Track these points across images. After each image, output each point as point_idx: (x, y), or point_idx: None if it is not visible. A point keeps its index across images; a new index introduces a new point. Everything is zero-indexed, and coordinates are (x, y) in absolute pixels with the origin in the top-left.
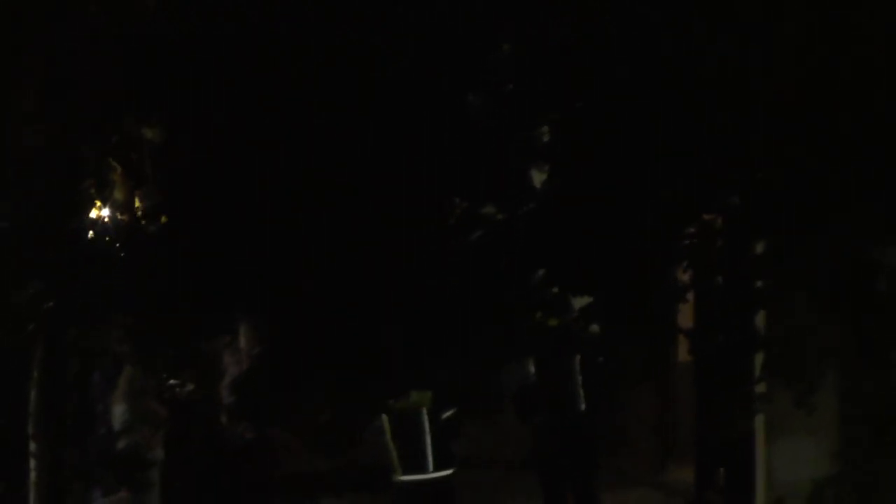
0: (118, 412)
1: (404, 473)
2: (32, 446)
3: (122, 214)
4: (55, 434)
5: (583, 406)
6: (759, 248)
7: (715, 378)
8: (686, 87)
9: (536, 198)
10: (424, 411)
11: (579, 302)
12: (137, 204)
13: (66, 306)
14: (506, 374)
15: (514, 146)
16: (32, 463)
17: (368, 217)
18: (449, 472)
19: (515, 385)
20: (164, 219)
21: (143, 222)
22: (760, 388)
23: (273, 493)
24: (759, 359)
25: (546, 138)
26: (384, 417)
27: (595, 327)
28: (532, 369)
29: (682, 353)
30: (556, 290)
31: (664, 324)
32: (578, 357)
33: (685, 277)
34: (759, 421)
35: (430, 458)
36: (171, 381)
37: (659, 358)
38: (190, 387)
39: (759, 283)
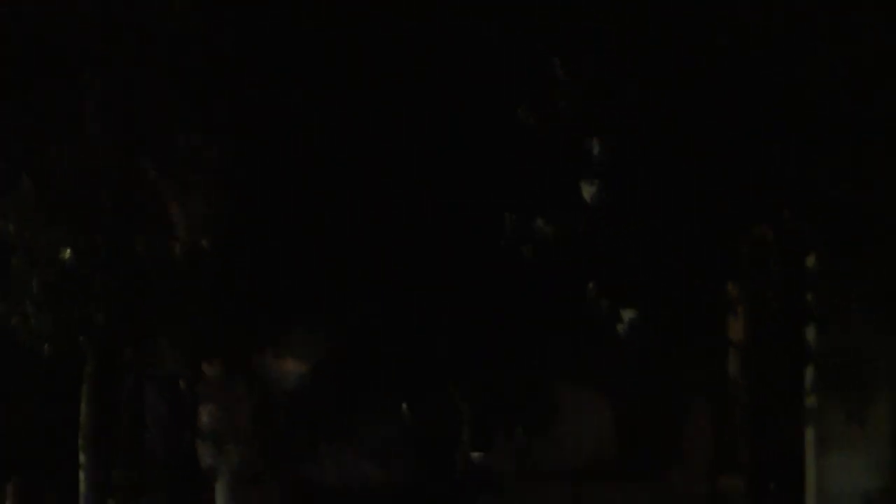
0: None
1: None
2: (82, 458)
3: (177, 230)
4: (105, 447)
5: None
6: (810, 261)
7: (766, 391)
8: (741, 103)
9: (587, 212)
10: None
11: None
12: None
13: (117, 321)
14: None
15: (564, 160)
16: (82, 475)
17: (423, 231)
18: None
19: None
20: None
21: (199, 239)
22: (811, 401)
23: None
24: (810, 372)
25: (596, 152)
26: None
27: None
28: None
29: (734, 366)
30: (606, 302)
31: (715, 337)
32: None
33: (736, 291)
34: (811, 434)
35: None
36: None
37: (712, 371)
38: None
39: (810, 297)
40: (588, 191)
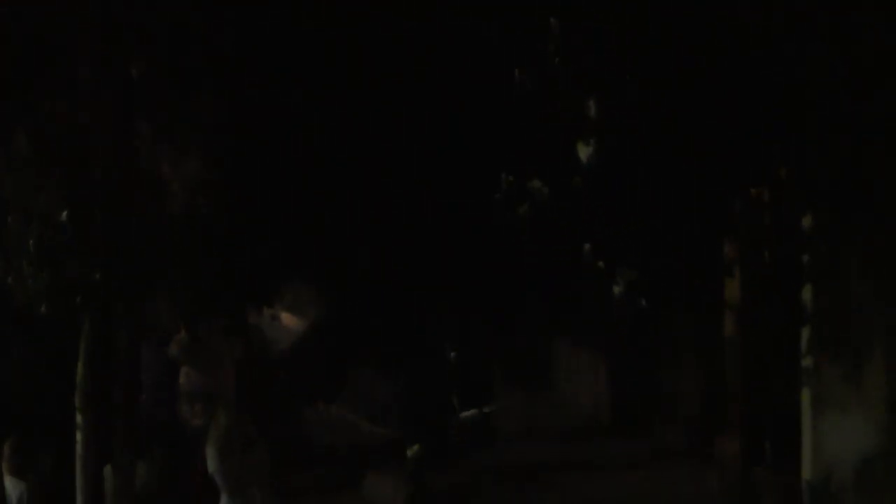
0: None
1: None
2: (79, 418)
3: (173, 187)
4: (102, 406)
5: None
6: (807, 221)
7: (762, 352)
8: (736, 64)
9: (583, 172)
10: None
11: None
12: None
13: (114, 279)
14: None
15: (560, 120)
16: (79, 435)
17: (419, 192)
18: None
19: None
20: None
21: (195, 195)
22: (807, 362)
23: (320, 465)
24: (805, 333)
25: (593, 112)
26: None
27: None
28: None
29: (729, 327)
30: (602, 264)
31: (711, 298)
32: None
33: (732, 251)
34: (806, 395)
35: None
36: None
37: (706, 332)
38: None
39: (806, 257)
40: (584, 151)
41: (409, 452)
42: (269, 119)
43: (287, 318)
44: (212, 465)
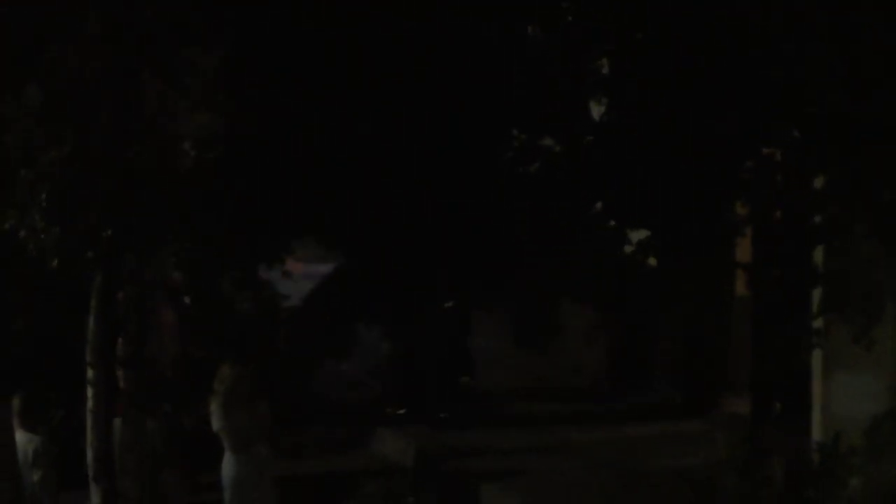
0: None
1: None
2: (90, 374)
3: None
4: (112, 362)
5: None
6: (818, 182)
7: (772, 312)
8: (747, 21)
9: (594, 130)
10: None
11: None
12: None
13: (125, 234)
14: None
15: (572, 78)
16: (89, 390)
17: (429, 147)
18: None
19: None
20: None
21: (204, 150)
22: (818, 322)
23: (330, 421)
24: (816, 293)
25: (605, 70)
26: None
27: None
28: None
29: (740, 286)
30: (613, 222)
31: (722, 257)
32: None
33: (743, 211)
34: (817, 355)
35: None
36: None
37: (717, 291)
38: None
39: (817, 218)
40: (597, 109)
41: (392, 410)
42: (277, 73)
43: (298, 269)
44: (216, 422)
